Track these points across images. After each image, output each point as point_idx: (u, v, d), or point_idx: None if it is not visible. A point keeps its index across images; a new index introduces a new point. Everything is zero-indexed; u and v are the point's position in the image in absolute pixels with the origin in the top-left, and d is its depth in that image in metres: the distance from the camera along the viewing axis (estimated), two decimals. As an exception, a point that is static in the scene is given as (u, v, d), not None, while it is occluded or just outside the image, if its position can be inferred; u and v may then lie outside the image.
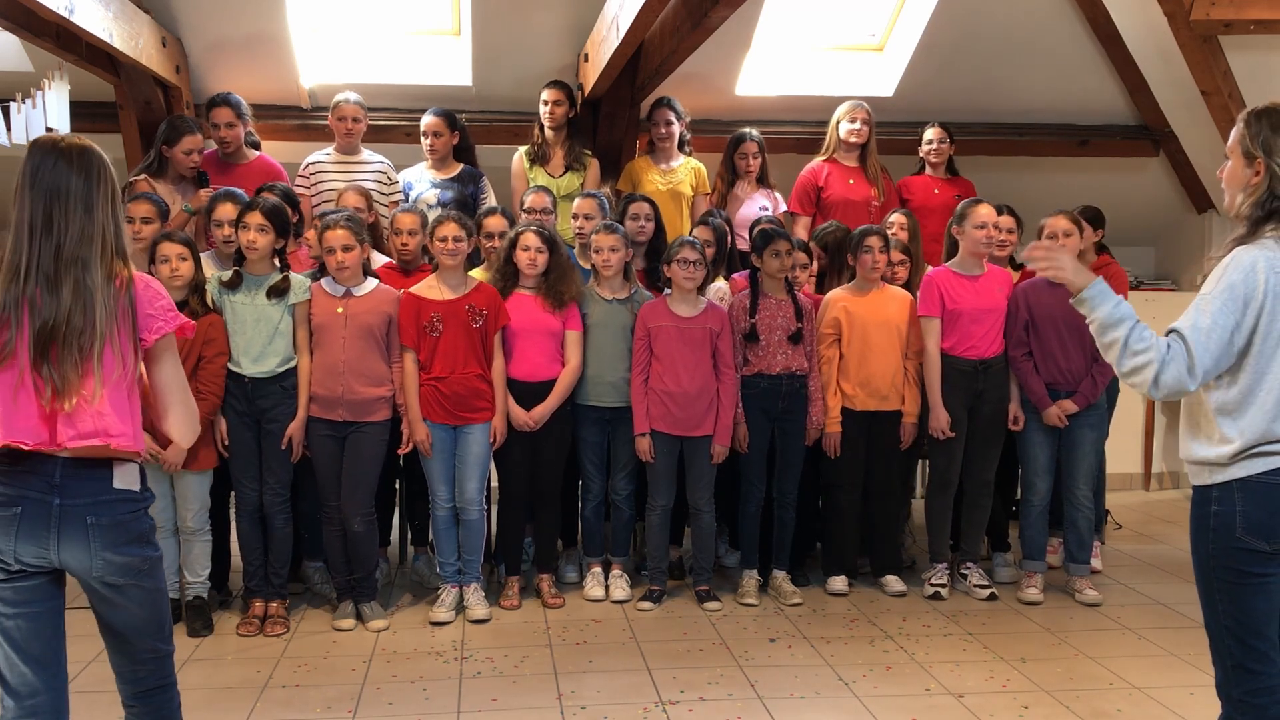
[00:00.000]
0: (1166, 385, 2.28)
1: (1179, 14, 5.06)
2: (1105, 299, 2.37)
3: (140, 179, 4.87)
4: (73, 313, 2.18)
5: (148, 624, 2.34)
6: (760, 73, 5.99)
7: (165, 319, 2.30)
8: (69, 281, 2.19)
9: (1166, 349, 2.29)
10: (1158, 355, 2.28)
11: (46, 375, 2.17)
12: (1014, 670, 3.86)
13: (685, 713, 3.50)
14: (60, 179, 2.21)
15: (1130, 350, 2.32)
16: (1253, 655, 2.33)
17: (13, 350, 2.18)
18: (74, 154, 2.24)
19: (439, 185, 5.18)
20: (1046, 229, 4.52)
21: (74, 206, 2.21)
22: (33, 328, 2.17)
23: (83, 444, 2.19)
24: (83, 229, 2.21)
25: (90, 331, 2.19)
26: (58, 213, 2.20)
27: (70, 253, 2.20)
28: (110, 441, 2.22)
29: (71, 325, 2.18)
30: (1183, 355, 2.27)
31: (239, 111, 5.05)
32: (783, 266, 4.49)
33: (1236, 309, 2.26)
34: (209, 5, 5.34)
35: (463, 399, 4.26)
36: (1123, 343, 2.32)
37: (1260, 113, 2.36)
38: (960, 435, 4.60)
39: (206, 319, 4.05)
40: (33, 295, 2.18)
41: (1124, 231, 6.35)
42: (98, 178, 2.25)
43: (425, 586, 4.68)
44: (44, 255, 2.19)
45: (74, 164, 2.23)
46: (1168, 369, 2.27)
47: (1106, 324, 2.35)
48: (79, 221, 2.21)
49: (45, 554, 2.22)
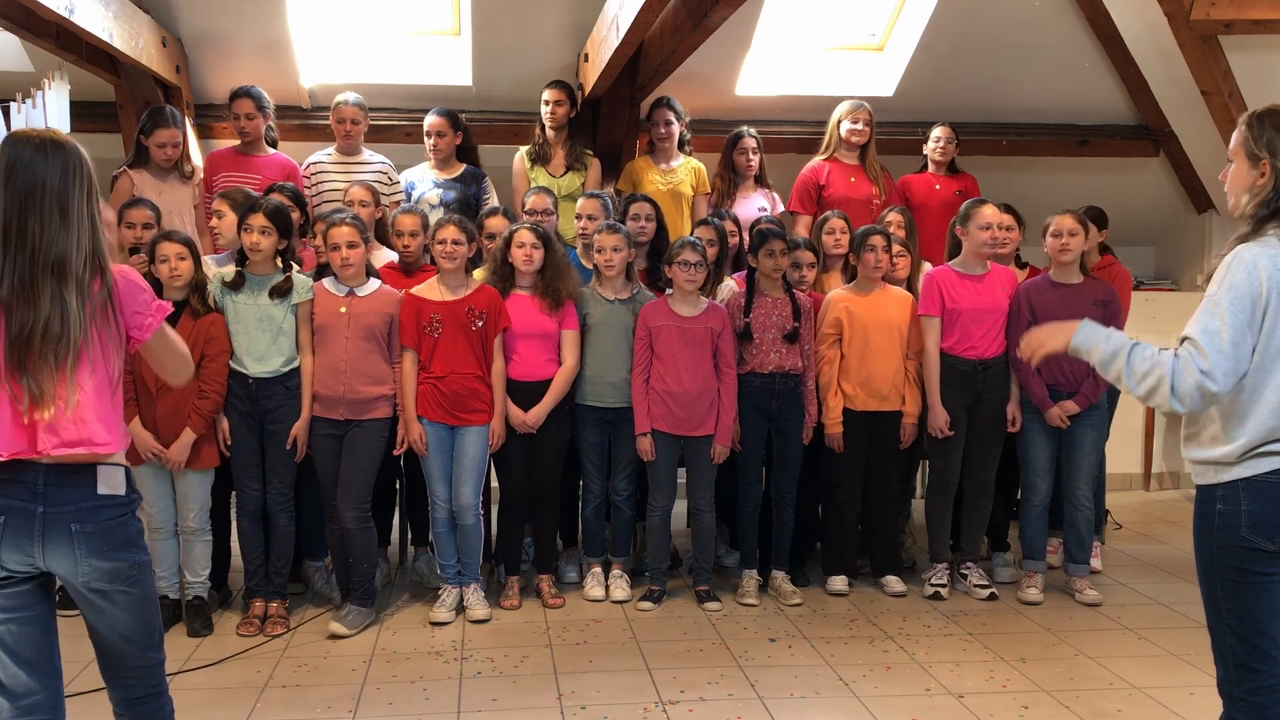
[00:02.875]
0: (1187, 394, 2.25)
1: (1179, 14, 5.06)
2: (1094, 338, 2.39)
3: (121, 171, 4.87)
4: (50, 321, 2.13)
5: (136, 631, 2.31)
6: (760, 73, 5.99)
7: (152, 313, 2.30)
8: (46, 289, 2.14)
9: (1174, 358, 2.27)
10: (1167, 369, 2.27)
11: (25, 386, 2.13)
12: (1014, 670, 3.86)
13: (685, 713, 3.50)
14: (35, 178, 2.15)
15: (1136, 374, 2.31)
16: (1255, 654, 2.32)
17: None
18: (48, 149, 2.17)
19: (441, 185, 5.19)
20: (1052, 227, 4.53)
21: (49, 209, 2.15)
22: (8, 336, 2.13)
23: (66, 452, 2.17)
24: (58, 233, 2.15)
25: (67, 339, 2.14)
26: (32, 217, 2.14)
27: (45, 258, 2.14)
28: (96, 449, 2.20)
29: (49, 334, 2.13)
30: (1194, 360, 2.24)
31: (260, 104, 5.06)
32: (777, 266, 4.49)
33: (1245, 307, 2.25)
34: (209, 6, 5.34)
35: (460, 399, 4.26)
36: (1126, 371, 2.32)
37: (1263, 114, 2.36)
38: (960, 435, 4.60)
39: (208, 318, 4.06)
40: (8, 303, 2.13)
41: (1124, 231, 6.34)
42: (74, 175, 2.18)
43: (425, 586, 4.68)
44: (19, 261, 2.14)
45: (49, 160, 2.16)
46: (1181, 377, 2.25)
47: (1105, 362, 2.37)
48: (54, 225, 2.15)
49: (31, 561, 2.20)
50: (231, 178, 4.97)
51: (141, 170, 4.87)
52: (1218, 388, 2.24)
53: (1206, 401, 2.27)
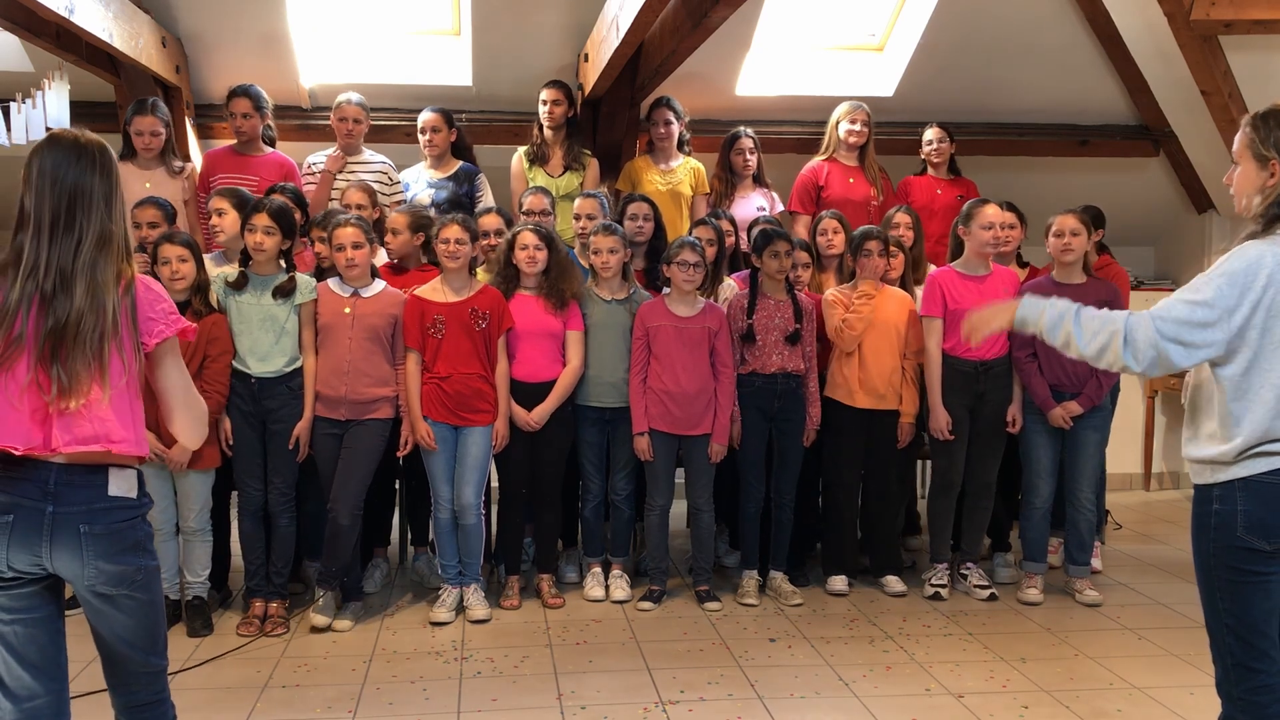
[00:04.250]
0: (1142, 350, 2.27)
1: (1179, 14, 5.05)
2: (1038, 307, 2.41)
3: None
4: (86, 313, 2.15)
5: (140, 636, 2.29)
6: (760, 73, 5.98)
7: (166, 322, 2.26)
8: (83, 281, 2.16)
9: (1129, 314, 2.30)
10: (1120, 323, 2.30)
11: (55, 375, 2.13)
12: (1014, 670, 3.86)
13: (685, 713, 3.50)
14: (84, 178, 2.19)
15: (1086, 331, 2.33)
16: (1253, 653, 2.33)
17: (21, 347, 2.14)
18: (96, 153, 2.23)
19: (435, 185, 5.19)
20: (1055, 227, 4.53)
21: (96, 206, 2.20)
22: (44, 326, 2.14)
23: (80, 449, 2.15)
24: (103, 229, 2.19)
25: (100, 332, 2.16)
26: (81, 212, 2.18)
27: (89, 252, 2.18)
28: (111, 447, 2.18)
29: (84, 325, 2.15)
30: (1148, 318, 2.26)
31: (258, 104, 5.05)
32: (782, 267, 4.49)
33: (1233, 293, 2.26)
34: (209, 5, 5.34)
35: (464, 399, 4.26)
36: (1075, 329, 2.34)
37: (1266, 114, 2.36)
38: (962, 436, 4.60)
39: (210, 318, 4.06)
40: (46, 293, 2.15)
41: (1124, 231, 6.35)
42: (115, 179, 2.24)
43: (425, 586, 4.68)
44: (62, 253, 2.16)
45: (96, 163, 2.22)
46: (1134, 331, 2.27)
47: (1053, 325, 2.39)
48: (100, 222, 2.19)
49: (39, 561, 2.18)
50: (228, 178, 4.97)
51: (128, 162, 4.84)
52: (1175, 350, 2.25)
53: (1162, 365, 2.28)
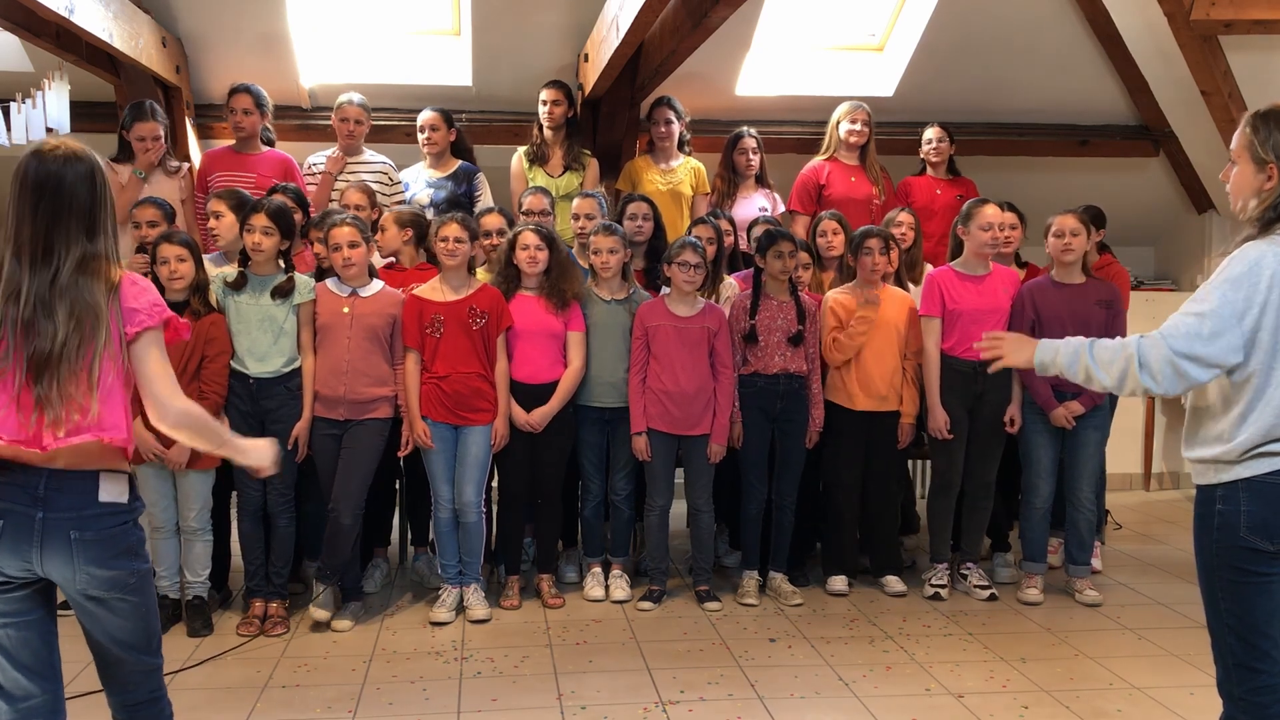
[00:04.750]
0: (1158, 368, 2.27)
1: (1179, 14, 5.05)
2: (1053, 349, 2.43)
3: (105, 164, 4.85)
4: (69, 335, 2.14)
5: (134, 638, 2.28)
6: (760, 73, 5.99)
7: (149, 313, 2.25)
8: (64, 305, 2.15)
9: (1140, 338, 2.30)
10: (1133, 348, 2.30)
11: (39, 395, 2.12)
12: (1014, 670, 3.86)
13: (685, 713, 3.50)
14: (64, 195, 2.17)
15: (1101, 363, 2.35)
16: (1255, 654, 2.33)
17: (7, 369, 2.14)
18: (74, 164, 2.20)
19: (434, 184, 5.20)
20: (1055, 227, 4.53)
21: (75, 230, 2.18)
22: (26, 351, 2.13)
23: (73, 441, 2.14)
24: (83, 252, 2.18)
25: (91, 349, 2.15)
26: (58, 239, 2.16)
27: (67, 277, 2.16)
28: (101, 436, 2.16)
29: (68, 348, 2.14)
30: (1159, 338, 2.27)
31: (258, 101, 5.06)
32: (785, 268, 4.48)
33: (1239, 298, 2.26)
34: (209, 5, 5.34)
35: (464, 398, 4.26)
36: (1091, 364, 2.36)
37: (1266, 115, 2.35)
38: (961, 436, 4.60)
39: (209, 318, 4.06)
40: (26, 319, 2.13)
41: (1124, 231, 6.35)
42: (100, 189, 2.22)
43: (425, 586, 4.68)
44: (39, 282, 2.15)
45: (76, 176, 2.19)
46: (1148, 353, 2.28)
47: (1070, 365, 2.40)
48: (80, 247, 2.18)
49: (29, 567, 2.18)
50: (226, 175, 4.97)
51: (125, 164, 4.85)
52: (1193, 367, 2.26)
53: (1182, 382, 2.28)
